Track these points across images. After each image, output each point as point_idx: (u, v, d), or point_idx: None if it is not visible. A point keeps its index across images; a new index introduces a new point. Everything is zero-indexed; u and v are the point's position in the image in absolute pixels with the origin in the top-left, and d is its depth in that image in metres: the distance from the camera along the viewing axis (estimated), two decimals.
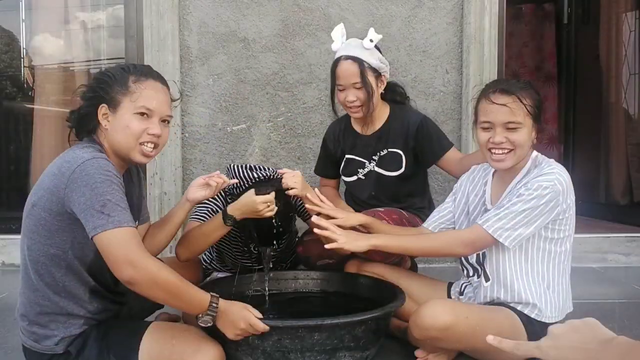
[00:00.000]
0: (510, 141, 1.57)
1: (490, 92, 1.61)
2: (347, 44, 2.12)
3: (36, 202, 1.38)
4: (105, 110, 1.44)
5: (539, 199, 1.52)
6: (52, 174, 1.36)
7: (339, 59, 2.10)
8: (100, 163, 1.33)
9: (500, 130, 1.58)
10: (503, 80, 1.67)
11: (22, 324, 1.44)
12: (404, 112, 2.22)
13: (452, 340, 1.50)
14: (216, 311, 1.39)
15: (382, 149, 2.20)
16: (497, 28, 2.93)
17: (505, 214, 1.53)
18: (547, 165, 1.59)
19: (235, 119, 2.97)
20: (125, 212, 1.31)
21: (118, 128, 1.44)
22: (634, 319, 2.13)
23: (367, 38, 2.10)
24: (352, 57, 2.07)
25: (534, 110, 1.59)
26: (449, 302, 1.53)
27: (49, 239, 1.37)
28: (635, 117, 3.95)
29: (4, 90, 3.67)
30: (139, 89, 1.44)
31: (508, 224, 1.53)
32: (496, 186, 1.73)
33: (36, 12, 3.60)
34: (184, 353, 1.39)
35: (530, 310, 1.62)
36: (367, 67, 2.07)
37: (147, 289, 1.29)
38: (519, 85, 1.61)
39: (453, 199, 1.87)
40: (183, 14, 2.94)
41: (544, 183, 1.52)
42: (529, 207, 1.52)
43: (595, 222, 3.68)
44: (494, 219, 1.54)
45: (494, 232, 1.53)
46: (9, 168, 3.67)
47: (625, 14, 3.91)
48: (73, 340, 1.41)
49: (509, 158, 1.59)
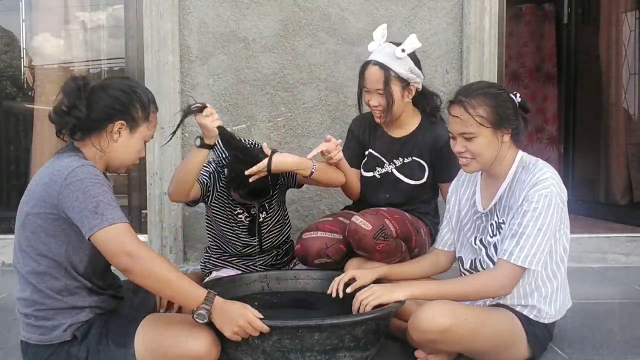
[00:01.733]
0: (469, 150, 1.60)
1: (449, 102, 1.64)
2: (381, 49, 2.12)
3: (30, 212, 1.45)
4: (121, 127, 1.53)
5: (547, 211, 1.52)
6: (43, 182, 1.43)
7: (369, 62, 2.11)
8: (89, 169, 1.42)
9: (459, 139, 1.61)
10: (464, 88, 1.65)
11: (27, 321, 1.48)
12: (435, 127, 2.20)
13: (451, 342, 1.50)
14: (211, 306, 1.41)
15: (407, 156, 2.20)
16: (497, 28, 2.93)
17: (525, 240, 1.52)
18: (536, 168, 1.58)
19: (235, 119, 2.97)
20: (117, 210, 1.40)
21: (128, 147, 1.56)
22: (634, 319, 2.13)
23: (400, 47, 2.09)
24: (380, 64, 2.07)
25: (492, 117, 1.57)
26: (448, 304, 1.52)
27: (46, 245, 1.44)
28: (635, 117, 3.95)
29: (4, 90, 3.68)
30: (153, 119, 1.60)
31: (532, 249, 1.52)
32: (485, 189, 1.74)
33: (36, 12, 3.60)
34: (177, 338, 1.44)
35: (529, 311, 1.62)
36: (393, 76, 2.07)
37: (142, 278, 1.37)
38: (475, 92, 1.60)
39: (447, 208, 1.88)
40: (183, 14, 2.94)
41: (543, 192, 1.52)
42: (541, 223, 1.52)
43: (595, 222, 3.68)
44: (517, 250, 1.52)
45: (523, 263, 1.52)
46: (9, 168, 3.68)
47: (625, 13, 3.92)
48: (80, 326, 1.48)
49: (472, 164, 1.63)
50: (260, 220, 2.22)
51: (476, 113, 1.56)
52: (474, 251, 1.72)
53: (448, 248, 1.88)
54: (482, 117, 1.56)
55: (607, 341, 1.88)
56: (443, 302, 1.52)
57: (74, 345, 1.47)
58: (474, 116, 1.56)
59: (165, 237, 2.93)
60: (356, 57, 2.94)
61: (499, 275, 1.56)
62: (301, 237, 2.12)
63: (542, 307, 1.61)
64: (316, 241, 2.05)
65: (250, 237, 2.23)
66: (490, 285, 1.56)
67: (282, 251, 2.34)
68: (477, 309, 1.61)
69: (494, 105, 1.58)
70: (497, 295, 1.60)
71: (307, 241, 2.07)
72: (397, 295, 1.55)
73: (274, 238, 2.29)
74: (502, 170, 1.65)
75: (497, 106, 1.58)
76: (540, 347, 1.67)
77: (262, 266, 2.29)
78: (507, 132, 1.61)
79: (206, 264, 2.34)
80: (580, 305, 2.25)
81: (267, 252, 2.29)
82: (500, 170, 1.65)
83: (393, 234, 1.96)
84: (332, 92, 2.96)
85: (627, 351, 1.79)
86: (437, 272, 1.92)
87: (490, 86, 1.67)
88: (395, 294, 1.56)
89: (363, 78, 2.13)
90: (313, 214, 2.94)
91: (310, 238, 2.07)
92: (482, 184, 1.75)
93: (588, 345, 1.85)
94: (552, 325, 1.67)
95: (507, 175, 1.65)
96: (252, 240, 2.23)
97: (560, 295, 1.65)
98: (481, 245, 1.70)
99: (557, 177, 1.58)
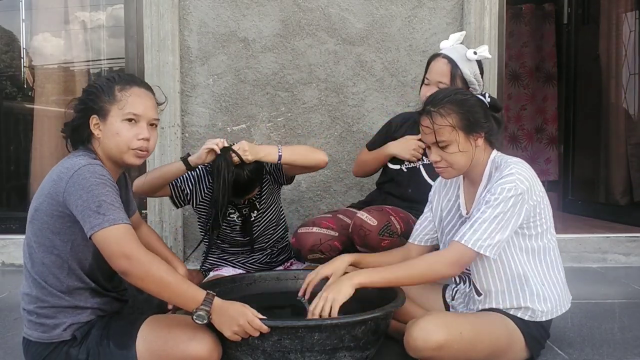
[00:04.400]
0: (444, 159, 1.60)
1: (417, 113, 1.65)
2: (453, 47, 2.18)
3: (38, 207, 1.47)
4: (97, 121, 1.53)
5: (506, 203, 1.52)
6: (52, 180, 1.46)
7: (438, 54, 2.17)
8: (96, 168, 1.43)
9: (434, 149, 1.61)
10: (431, 97, 1.65)
11: (30, 318, 1.49)
12: None
13: (448, 356, 1.49)
14: (210, 306, 1.42)
15: None
16: (497, 28, 2.93)
17: (479, 224, 1.53)
18: (506, 166, 1.59)
19: (235, 119, 2.98)
20: (119, 211, 1.41)
21: (109, 135, 1.52)
22: (634, 319, 2.13)
23: (472, 50, 2.14)
24: (449, 58, 2.12)
25: (461, 123, 1.58)
26: (441, 318, 1.52)
27: (51, 242, 1.46)
28: (635, 117, 3.95)
29: (4, 90, 3.67)
30: (124, 96, 1.52)
31: (484, 234, 1.52)
32: (467, 191, 1.74)
33: (36, 12, 3.60)
34: (178, 340, 1.45)
35: (523, 313, 1.63)
36: (459, 73, 2.10)
37: (140, 280, 1.38)
38: (442, 101, 1.60)
39: (430, 208, 1.88)
40: (183, 14, 2.94)
41: (506, 186, 1.53)
42: (498, 212, 1.52)
43: (595, 222, 3.68)
44: (469, 233, 1.53)
45: (473, 246, 1.52)
46: (9, 168, 3.68)
47: (625, 14, 3.91)
48: (80, 327, 1.49)
49: (448, 171, 1.63)
50: (252, 220, 2.23)
51: (445, 122, 1.57)
52: None
53: (419, 242, 1.87)
54: (451, 126, 1.57)
55: (607, 341, 1.88)
56: (436, 317, 1.52)
57: (73, 346, 1.47)
58: (443, 125, 1.57)
59: (165, 237, 2.93)
60: (356, 57, 2.94)
61: (446, 256, 1.57)
62: (297, 231, 2.14)
63: (535, 307, 1.61)
64: (311, 236, 2.07)
65: (244, 237, 2.25)
66: (436, 265, 1.57)
67: (277, 249, 2.36)
68: (471, 318, 1.60)
69: (463, 112, 1.58)
70: (443, 275, 1.60)
71: (302, 235, 2.09)
72: (346, 291, 1.52)
73: (268, 237, 2.30)
74: (478, 173, 1.66)
75: (465, 112, 1.59)
76: (538, 347, 1.67)
77: (259, 264, 2.31)
78: (479, 135, 1.61)
79: (204, 264, 2.36)
80: (580, 305, 2.25)
81: (261, 250, 2.31)
82: (476, 173, 1.66)
83: (398, 231, 1.97)
84: (332, 92, 2.96)
85: (627, 351, 1.79)
86: None
87: (456, 92, 1.66)
88: (345, 289, 1.53)
89: (428, 68, 2.17)
90: (313, 214, 2.94)
91: (305, 232, 2.09)
92: (465, 188, 1.76)
93: (588, 345, 1.85)
94: (548, 323, 1.67)
95: (483, 177, 1.65)
96: (245, 239, 2.25)
97: (553, 291, 1.65)
98: None
99: (527, 174, 1.57)
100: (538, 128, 4.95)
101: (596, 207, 3.96)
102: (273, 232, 2.32)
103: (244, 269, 2.29)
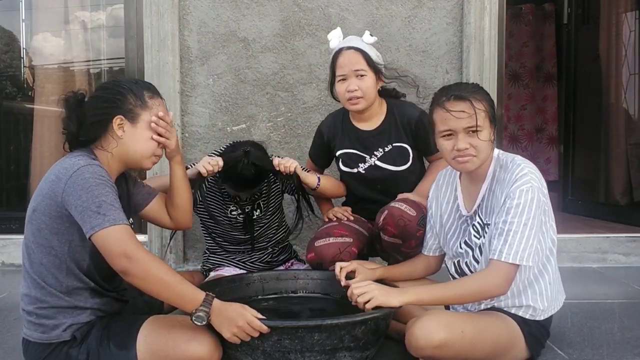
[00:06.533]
0: (473, 146, 1.58)
1: (445, 100, 1.60)
2: (347, 39, 2.16)
3: (36, 207, 1.46)
4: (121, 121, 1.53)
5: (530, 205, 1.51)
6: (50, 180, 1.45)
7: (341, 50, 2.13)
8: (95, 169, 1.43)
9: (462, 136, 1.58)
10: (453, 86, 1.65)
11: (29, 319, 1.49)
12: (403, 107, 2.23)
13: (449, 355, 1.48)
14: (210, 307, 1.42)
15: (385, 145, 2.20)
16: (497, 28, 2.93)
17: (512, 237, 1.51)
18: (516, 165, 1.58)
19: (235, 119, 2.97)
20: (119, 212, 1.41)
21: (137, 139, 1.55)
22: (634, 319, 2.13)
23: (367, 33, 2.15)
24: (354, 47, 2.11)
25: (490, 110, 1.59)
26: (442, 317, 1.51)
27: (49, 242, 1.45)
28: (635, 117, 3.95)
29: (4, 90, 3.67)
30: (154, 105, 1.59)
31: (520, 245, 1.51)
32: (467, 191, 1.73)
33: (36, 12, 3.60)
34: (179, 341, 1.45)
35: (525, 311, 1.63)
36: (370, 58, 2.10)
37: (139, 280, 1.38)
38: (470, 89, 1.61)
39: (430, 214, 1.88)
40: (183, 14, 2.94)
41: (524, 187, 1.52)
42: (526, 218, 1.51)
43: (595, 222, 3.68)
44: (506, 248, 1.52)
45: (514, 260, 1.51)
46: (9, 168, 3.67)
47: (625, 14, 3.91)
48: (80, 327, 1.49)
49: (472, 161, 1.59)
50: (254, 218, 2.25)
51: (482, 107, 1.57)
52: (460, 254, 1.72)
53: (433, 253, 1.89)
54: (486, 112, 1.58)
55: (607, 341, 1.88)
56: (437, 315, 1.51)
57: (73, 346, 1.47)
58: (481, 110, 1.56)
59: (165, 237, 2.93)
60: None
61: (493, 275, 1.54)
62: (313, 245, 2.07)
63: (536, 305, 1.61)
64: (330, 247, 2.03)
65: (244, 235, 2.27)
66: (486, 287, 1.55)
67: (278, 249, 2.38)
68: (472, 317, 1.60)
69: (490, 102, 1.61)
70: (494, 295, 1.59)
71: (320, 248, 2.04)
72: (392, 302, 1.52)
73: (269, 237, 2.33)
74: (482, 170, 1.65)
75: (491, 102, 1.62)
76: (539, 346, 1.67)
77: (259, 263, 2.32)
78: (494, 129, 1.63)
79: (205, 264, 2.37)
80: (580, 305, 2.26)
81: (262, 249, 2.33)
82: (482, 170, 1.65)
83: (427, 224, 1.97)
84: None
85: (627, 351, 1.79)
86: (430, 273, 1.95)
87: (474, 84, 1.68)
88: (391, 300, 1.53)
89: (336, 66, 2.13)
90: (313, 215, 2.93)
91: (323, 245, 2.05)
92: (463, 186, 1.75)
93: (588, 345, 1.85)
94: (547, 321, 1.67)
95: (487, 175, 1.65)
96: (246, 237, 2.28)
97: (553, 288, 1.65)
98: (467, 247, 1.70)
99: (537, 172, 1.58)
100: (538, 128, 4.96)
101: (596, 207, 3.96)
102: (274, 234, 2.35)
103: (245, 269, 2.29)
